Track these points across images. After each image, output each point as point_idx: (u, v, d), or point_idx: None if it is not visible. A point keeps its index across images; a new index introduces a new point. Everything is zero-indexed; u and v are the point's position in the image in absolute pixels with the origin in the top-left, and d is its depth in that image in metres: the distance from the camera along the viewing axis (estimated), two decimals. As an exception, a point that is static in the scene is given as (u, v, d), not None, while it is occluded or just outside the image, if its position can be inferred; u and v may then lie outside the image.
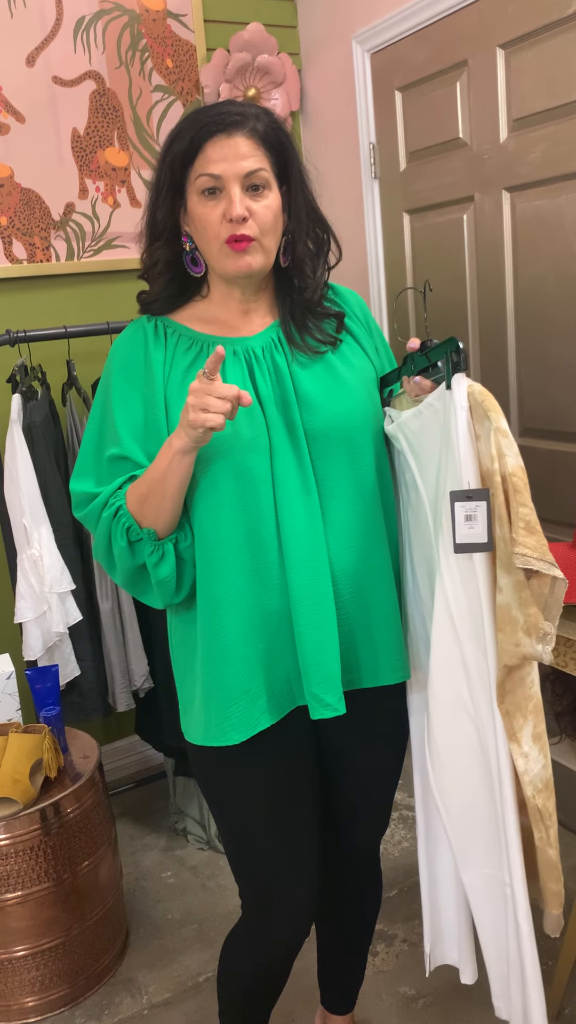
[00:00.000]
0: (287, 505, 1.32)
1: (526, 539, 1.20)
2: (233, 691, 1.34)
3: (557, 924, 1.41)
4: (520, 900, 1.34)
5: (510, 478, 1.21)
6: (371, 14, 2.63)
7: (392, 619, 1.42)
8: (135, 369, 1.37)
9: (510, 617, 1.24)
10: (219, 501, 1.32)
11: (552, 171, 2.16)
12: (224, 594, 1.33)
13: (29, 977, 2.02)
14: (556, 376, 2.27)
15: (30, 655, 2.27)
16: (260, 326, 1.40)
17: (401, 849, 2.46)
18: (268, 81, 2.88)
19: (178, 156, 1.30)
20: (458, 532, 1.23)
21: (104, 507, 1.34)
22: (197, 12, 2.79)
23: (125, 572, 1.36)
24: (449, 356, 1.27)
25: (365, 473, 1.38)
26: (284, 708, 1.39)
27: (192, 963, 2.17)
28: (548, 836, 1.33)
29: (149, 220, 1.37)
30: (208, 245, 1.32)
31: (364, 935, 1.75)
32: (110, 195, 2.74)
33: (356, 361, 1.42)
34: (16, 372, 2.35)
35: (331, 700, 1.34)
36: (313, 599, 1.33)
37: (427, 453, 1.36)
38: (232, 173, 1.28)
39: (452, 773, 1.40)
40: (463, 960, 1.59)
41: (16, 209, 2.60)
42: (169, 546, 1.32)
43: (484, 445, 1.24)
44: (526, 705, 1.29)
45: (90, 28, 2.63)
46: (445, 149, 2.48)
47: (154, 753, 2.99)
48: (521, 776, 1.30)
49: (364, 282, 2.85)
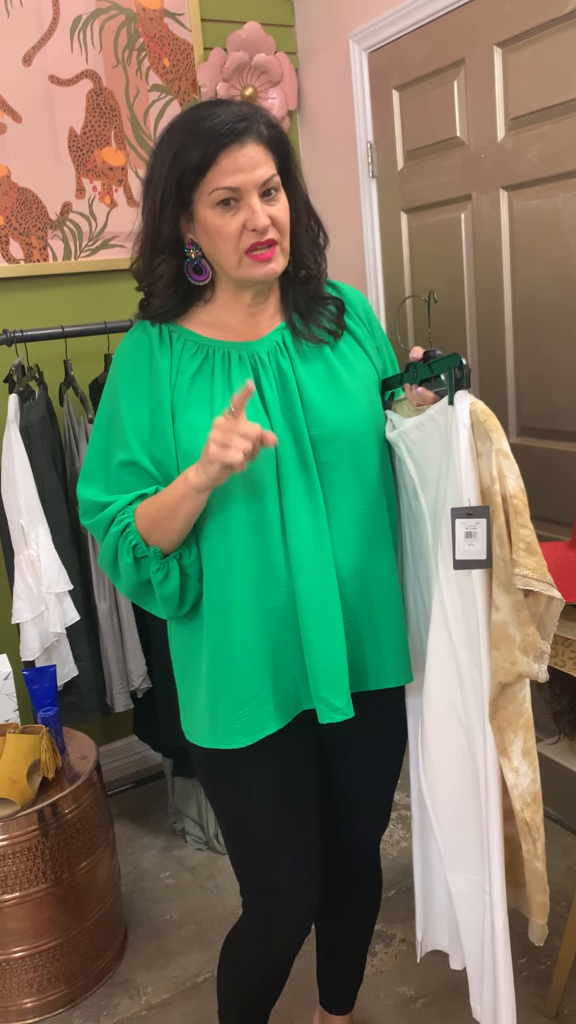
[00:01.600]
0: (293, 511, 1.33)
1: (526, 560, 1.21)
2: (241, 696, 1.35)
3: (542, 933, 1.43)
4: (498, 910, 1.35)
5: (511, 500, 1.22)
6: (368, 13, 2.63)
7: (397, 621, 1.43)
8: (141, 374, 1.36)
9: (506, 635, 1.25)
10: (227, 508, 1.32)
11: (549, 170, 2.15)
12: (232, 600, 1.33)
13: (27, 978, 2.02)
14: (554, 375, 2.26)
15: (28, 655, 2.27)
16: (266, 329, 1.40)
17: (400, 849, 2.46)
18: (265, 80, 2.88)
19: (189, 171, 1.27)
20: (458, 549, 1.24)
21: (112, 523, 1.34)
22: (194, 11, 2.79)
23: (130, 586, 1.38)
24: (452, 372, 1.27)
25: (368, 477, 1.39)
26: (291, 712, 1.39)
27: (191, 964, 2.17)
28: (535, 849, 1.34)
29: (153, 236, 1.34)
30: (226, 256, 1.31)
31: (363, 935, 1.75)
32: (107, 195, 2.74)
33: (358, 364, 1.42)
34: (13, 372, 2.35)
35: (340, 704, 1.34)
36: (320, 603, 1.33)
37: (428, 464, 1.37)
38: (250, 184, 1.27)
39: (443, 780, 1.41)
40: (453, 946, 1.61)
41: (13, 209, 2.59)
42: (174, 563, 1.33)
43: (485, 463, 1.25)
44: (517, 720, 1.30)
45: (87, 27, 2.63)
46: (443, 148, 2.48)
47: (152, 753, 2.99)
48: (511, 790, 1.31)
49: (362, 281, 2.85)
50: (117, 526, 1.33)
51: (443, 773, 1.40)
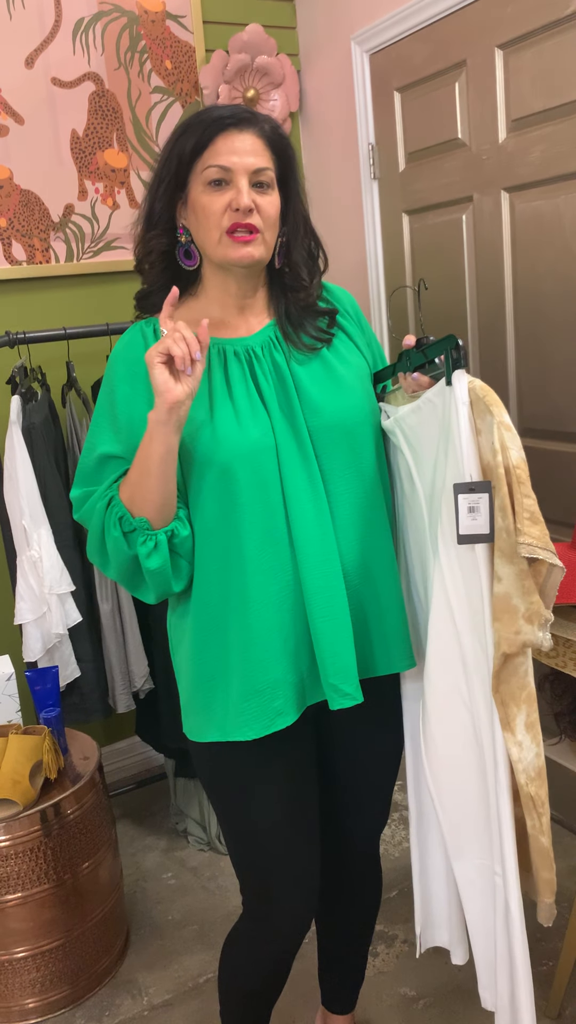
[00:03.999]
0: (296, 502, 1.34)
1: (530, 529, 1.23)
2: (250, 686, 1.35)
3: (550, 912, 1.42)
4: (512, 889, 1.35)
5: (514, 470, 1.24)
6: (370, 14, 2.63)
7: (399, 606, 1.45)
8: (137, 373, 1.37)
9: (509, 606, 1.26)
10: (231, 501, 1.33)
11: (551, 171, 2.16)
12: (240, 592, 1.34)
13: (30, 978, 2.02)
14: (555, 376, 2.27)
15: (30, 656, 2.27)
16: (257, 325, 1.42)
17: (402, 850, 2.46)
18: (267, 82, 2.89)
19: (187, 148, 1.32)
20: (462, 524, 1.26)
21: (98, 499, 1.35)
22: (196, 13, 2.79)
23: (119, 564, 1.35)
24: (449, 353, 1.29)
25: (366, 466, 1.41)
26: (298, 708, 1.40)
27: (193, 964, 2.17)
28: (540, 824, 1.34)
29: (147, 210, 1.38)
30: (208, 234, 1.33)
31: (364, 933, 1.76)
32: (109, 196, 2.74)
33: (351, 357, 1.45)
34: (16, 374, 2.35)
35: (349, 689, 1.35)
36: (326, 592, 1.35)
37: (424, 447, 1.39)
38: (242, 166, 1.30)
39: (447, 763, 1.42)
40: (453, 942, 1.62)
41: (15, 211, 2.60)
42: (162, 536, 1.31)
43: (485, 439, 1.27)
44: (520, 694, 1.31)
45: (89, 30, 2.64)
46: (444, 149, 2.48)
47: (154, 754, 2.99)
48: (515, 764, 1.32)
49: (363, 282, 2.85)
50: (102, 501, 1.34)
51: (447, 755, 1.41)
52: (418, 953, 1.65)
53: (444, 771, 1.42)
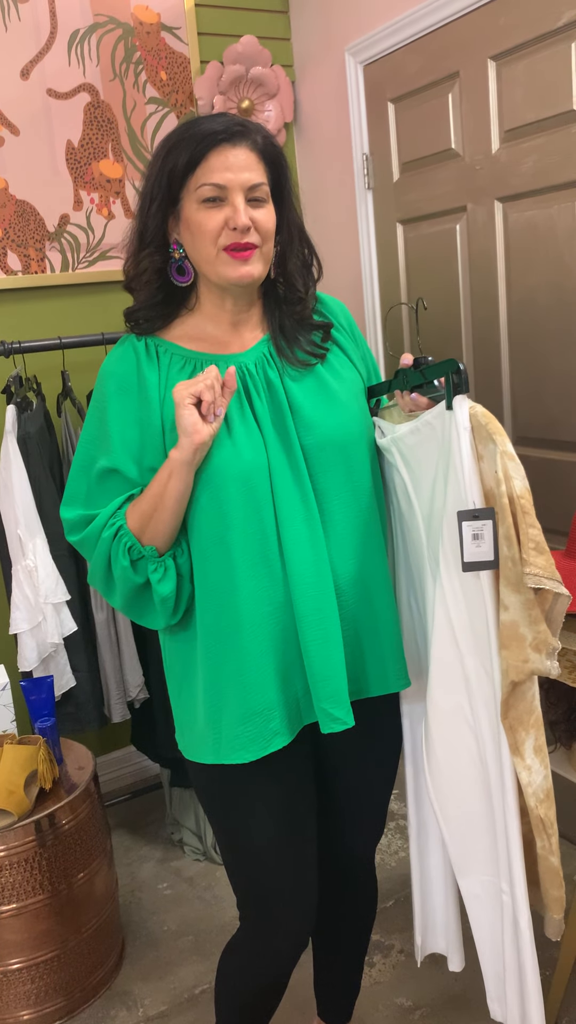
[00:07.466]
0: (289, 522, 1.33)
1: (536, 559, 1.23)
2: (245, 709, 1.34)
3: (559, 928, 1.43)
4: (521, 907, 1.35)
5: (518, 500, 1.24)
6: (364, 26, 2.65)
7: (394, 625, 1.44)
8: (129, 388, 1.36)
9: (517, 634, 1.26)
10: (224, 522, 1.31)
11: (543, 181, 2.17)
12: (233, 613, 1.33)
13: (24, 990, 2.01)
14: (549, 385, 2.27)
15: (25, 666, 2.27)
16: (251, 340, 1.40)
17: (398, 860, 2.45)
18: (262, 93, 2.90)
19: (179, 165, 1.29)
20: (466, 551, 1.25)
21: (104, 528, 1.33)
22: (191, 25, 2.81)
23: (126, 593, 1.35)
24: (450, 377, 1.28)
25: (361, 483, 1.39)
26: (294, 728, 1.39)
27: (188, 975, 2.16)
28: (550, 844, 1.35)
29: (140, 229, 1.36)
30: (204, 253, 1.32)
31: (360, 944, 1.75)
32: (104, 207, 2.75)
33: (345, 373, 1.43)
34: (11, 383, 2.35)
35: (340, 714, 1.34)
36: (318, 615, 1.33)
37: (423, 468, 1.37)
38: (237, 183, 1.28)
39: (451, 782, 1.41)
40: (451, 949, 1.63)
41: (11, 221, 2.61)
42: (171, 562, 1.33)
43: (488, 466, 1.26)
44: (527, 719, 1.31)
45: (84, 41, 2.65)
46: (438, 160, 2.49)
47: (150, 764, 2.98)
48: (524, 788, 1.32)
49: (358, 292, 2.86)
50: (109, 530, 1.33)
51: (451, 775, 1.41)
52: (418, 962, 1.65)
53: (448, 790, 1.42)
